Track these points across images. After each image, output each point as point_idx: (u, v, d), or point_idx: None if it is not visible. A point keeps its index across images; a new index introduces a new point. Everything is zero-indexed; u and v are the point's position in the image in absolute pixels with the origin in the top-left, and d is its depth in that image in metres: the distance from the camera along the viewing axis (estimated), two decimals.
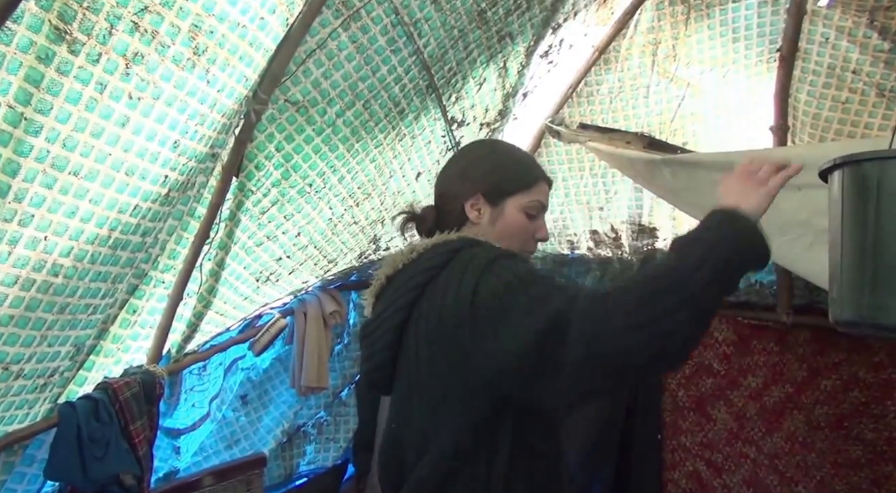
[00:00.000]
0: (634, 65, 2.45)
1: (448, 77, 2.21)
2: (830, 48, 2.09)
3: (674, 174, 2.19)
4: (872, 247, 1.05)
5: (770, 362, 2.82)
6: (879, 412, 2.65)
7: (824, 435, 2.74)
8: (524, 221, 1.27)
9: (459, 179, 1.31)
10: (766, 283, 2.75)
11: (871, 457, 2.68)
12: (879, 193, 1.06)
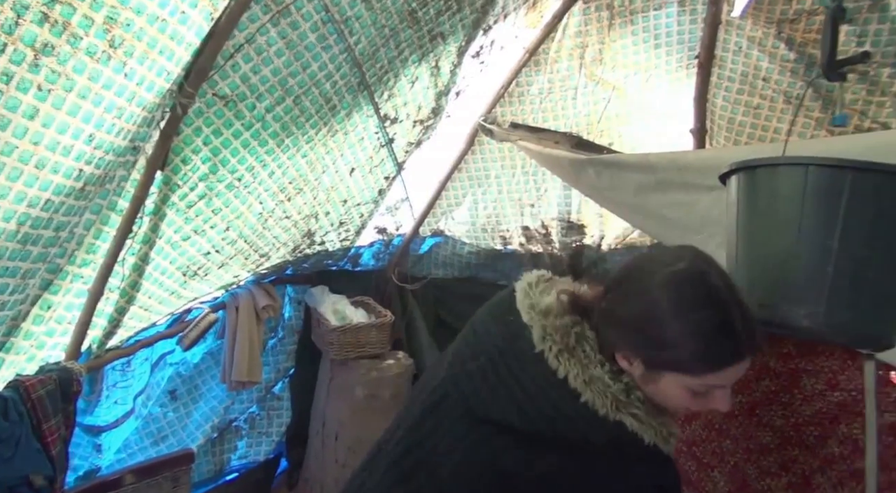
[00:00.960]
0: (563, 67, 2.52)
1: (380, 75, 2.23)
2: (743, 57, 2.21)
3: (598, 174, 2.27)
4: (762, 247, 1.13)
5: None
6: (787, 400, 2.81)
7: (738, 423, 2.89)
8: (685, 396, 1.01)
9: (618, 323, 1.03)
10: None
11: (779, 442, 2.84)
12: (770, 196, 1.14)
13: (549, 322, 1.04)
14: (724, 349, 0.96)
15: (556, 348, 1.03)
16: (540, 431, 1.00)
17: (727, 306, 0.96)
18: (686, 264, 0.99)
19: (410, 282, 3.31)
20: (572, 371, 1.01)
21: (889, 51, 1.94)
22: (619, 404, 1.00)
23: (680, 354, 0.97)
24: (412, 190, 2.98)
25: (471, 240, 3.12)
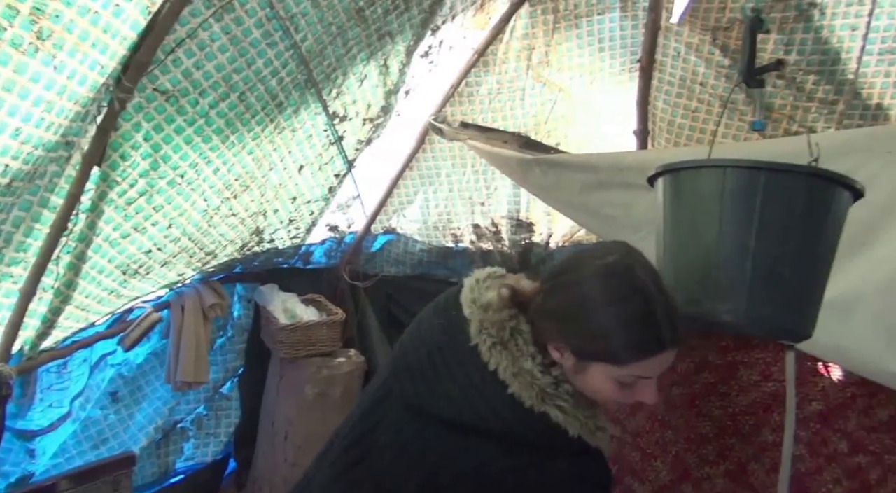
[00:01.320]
0: (511, 68, 2.56)
1: (328, 72, 2.23)
2: (682, 62, 2.28)
3: (544, 173, 2.31)
4: (687, 246, 1.17)
5: None
6: (725, 391, 2.92)
7: (679, 414, 2.99)
8: (612, 388, 1.03)
9: (550, 315, 1.06)
10: None
11: (717, 432, 2.95)
12: (693, 197, 1.18)
13: (487, 316, 1.07)
14: (648, 340, 0.99)
15: (490, 341, 1.05)
16: (471, 423, 1.03)
17: (651, 297, 0.99)
18: (615, 258, 1.03)
19: (362, 279, 3.31)
20: (502, 364, 1.04)
21: (813, 59, 2.04)
22: (545, 397, 1.03)
23: (606, 344, 1.00)
24: (364, 188, 2.98)
25: (423, 238, 3.14)
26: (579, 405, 1.05)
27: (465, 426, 1.03)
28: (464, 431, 1.03)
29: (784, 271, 1.10)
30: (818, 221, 1.10)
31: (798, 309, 1.13)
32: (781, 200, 1.07)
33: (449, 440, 1.04)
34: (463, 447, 1.02)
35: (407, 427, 1.08)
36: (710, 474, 2.98)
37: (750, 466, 2.91)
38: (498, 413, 1.02)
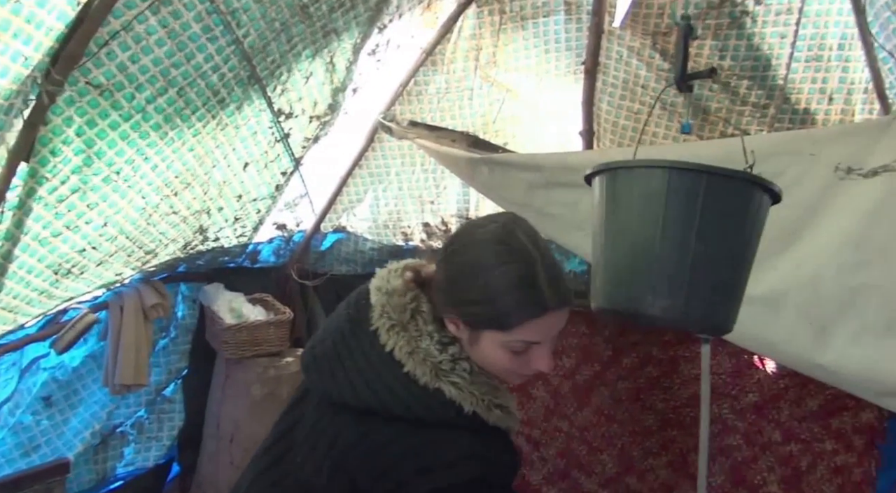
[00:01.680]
0: (459, 68, 2.58)
1: (272, 69, 2.20)
2: (624, 65, 2.33)
3: (491, 172, 2.34)
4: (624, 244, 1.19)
5: (581, 344, 3.10)
6: (668, 385, 3.01)
7: (624, 408, 3.07)
8: (505, 357, 1.05)
9: (441, 287, 1.08)
10: (579, 272, 3.01)
11: (660, 424, 3.03)
12: (628, 196, 1.21)
13: (389, 300, 1.09)
14: (530, 300, 1.00)
15: (389, 323, 1.07)
16: (372, 406, 1.04)
17: (532, 259, 1.02)
18: (496, 226, 1.06)
19: (312, 278, 3.28)
20: (399, 344, 1.06)
21: (746, 65, 2.11)
22: (440, 373, 1.05)
23: (491, 308, 1.02)
24: (312, 186, 2.96)
25: (373, 236, 3.13)
26: (476, 383, 1.07)
27: (368, 409, 1.04)
28: (368, 414, 1.04)
29: (718, 269, 1.13)
30: (746, 222, 1.14)
31: (727, 305, 1.17)
32: (718, 202, 1.10)
33: (355, 426, 1.05)
34: (366, 430, 1.04)
35: (321, 419, 1.10)
36: (654, 465, 3.07)
37: (690, 456, 3.01)
38: (394, 392, 1.03)
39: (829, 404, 2.73)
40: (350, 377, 1.06)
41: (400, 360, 1.05)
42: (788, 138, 1.87)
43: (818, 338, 1.84)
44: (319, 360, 1.12)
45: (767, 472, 2.86)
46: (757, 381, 2.87)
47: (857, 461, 2.68)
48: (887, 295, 1.71)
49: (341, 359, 1.09)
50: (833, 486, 2.71)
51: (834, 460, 2.73)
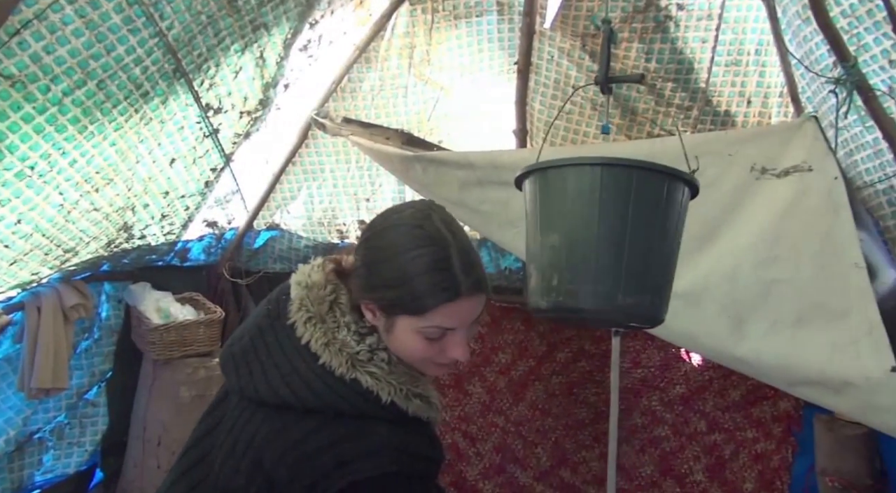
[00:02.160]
0: (393, 65, 2.57)
1: (198, 62, 2.14)
2: (555, 65, 2.38)
3: (424, 170, 2.35)
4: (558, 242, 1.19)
5: (517, 340, 3.15)
6: (600, 379, 3.09)
7: (558, 402, 3.13)
8: (420, 344, 1.03)
9: (358, 273, 1.06)
10: (514, 269, 3.06)
11: (593, 417, 3.11)
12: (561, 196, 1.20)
13: (308, 294, 1.07)
14: (443, 284, 0.99)
15: (307, 315, 1.06)
16: (289, 401, 1.02)
17: (446, 243, 1.01)
18: (412, 211, 1.06)
19: (245, 277, 3.22)
20: (315, 336, 1.04)
21: (671, 68, 2.19)
22: (356, 363, 1.03)
23: (404, 292, 1.01)
24: (244, 183, 2.90)
25: (307, 234, 3.09)
26: (395, 372, 1.06)
27: (284, 404, 1.02)
28: (285, 409, 1.02)
29: (649, 262, 1.14)
30: (673, 215, 1.17)
31: (660, 296, 1.18)
32: (647, 197, 1.12)
33: (271, 422, 1.03)
34: (282, 425, 1.01)
35: (240, 418, 1.07)
36: (587, 457, 3.15)
37: (622, 448, 3.10)
38: (310, 385, 1.01)
39: (750, 394, 2.86)
40: (266, 373, 1.04)
41: (316, 352, 1.03)
42: (708, 139, 1.95)
43: (736, 331, 1.92)
44: (237, 357, 1.10)
45: (693, 461, 2.98)
46: (684, 373, 2.98)
47: (775, 449, 2.82)
48: (798, 289, 1.80)
49: (258, 355, 1.07)
50: (753, 472, 2.85)
51: (755, 447, 2.86)
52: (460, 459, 3.17)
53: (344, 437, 1.00)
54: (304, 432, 1.00)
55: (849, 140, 1.92)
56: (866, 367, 1.68)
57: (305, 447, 0.99)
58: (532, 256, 1.23)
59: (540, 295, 1.17)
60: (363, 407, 1.02)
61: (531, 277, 1.22)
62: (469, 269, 1.02)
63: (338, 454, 0.98)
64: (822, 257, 1.75)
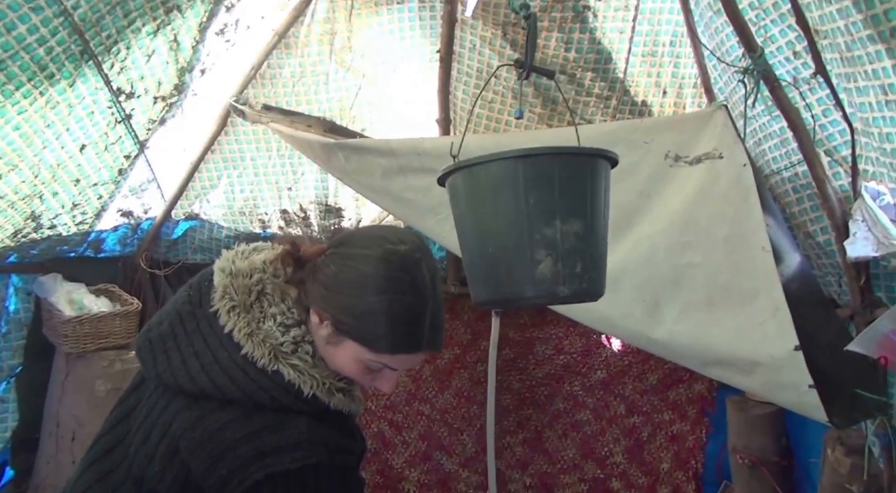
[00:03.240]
0: (314, 52, 2.52)
1: (108, 44, 2.05)
2: (477, 54, 2.39)
3: (346, 158, 2.32)
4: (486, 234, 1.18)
5: None
6: (524, 366, 3.15)
7: (483, 389, 3.17)
8: (357, 369, 1.06)
9: (324, 282, 1.04)
10: (437, 258, 3.06)
11: (517, 403, 3.17)
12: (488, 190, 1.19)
13: (234, 282, 1.06)
14: (409, 338, 1.02)
15: (230, 304, 1.04)
16: (209, 391, 1.00)
17: (426, 298, 1.03)
18: (405, 249, 1.05)
19: (163, 268, 3.11)
20: (238, 325, 1.03)
21: (590, 58, 2.24)
22: (279, 355, 1.02)
23: (367, 328, 1.01)
24: (160, 171, 2.79)
25: (228, 223, 3.01)
26: (318, 366, 1.06)
27: (203, 393, 1.01)
28: (203, 399, 1.01)
29: (583, 240, 1.14)
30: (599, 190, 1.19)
31: (597, 271, 1.19)
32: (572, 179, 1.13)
33: (189, 411, 1.01)
34: (200, 415, 1.00)
35: (156, 406, 1.05)
36: (511, 442, 3.20)
37: (545, 433, 3.17)
38: (231, 376, 1.00)
39: (666, 377, 2.98)
40: (186, 361, 1.02)
41: (239, 342, 1.02)
42: (625, 127, 2.00)
43: (651, 314, 1.99)
44: (154, 343, 1.07)
45: (614, 443, 3.08)
46: (605, 359, 3.07)
47: (690, 429, 2.95)
48: (709, 273, 1.88)
49: (178, 342, 1.05)
50: (670, 453, 2.97)
51: (671, 429, 2.98)
52: (386, 447, 3.17)
53: (263, 429, 0.99)
54: (223, 422, 0.99)
55: (757, 130, 2.01)
56: (772, 347, 1.77)
57: (224, 437, 0.98)
58: (467, 253, 1.22)
59: (482, 290, 1.18)
60: (284, 400, 1.01)
61: (470, 272, 1.21)
62: (437, 328, 1.05)
63: (256, 445, 0.97)
64: (731, 242, 1.83)
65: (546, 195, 1.14)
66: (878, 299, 1.78)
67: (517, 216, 1.15)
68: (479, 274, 1.19)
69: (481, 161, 1.15)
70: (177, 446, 0.99)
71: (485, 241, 1.18)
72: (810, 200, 1.92)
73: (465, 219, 1.21)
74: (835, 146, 1.76)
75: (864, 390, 1.76)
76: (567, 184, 1.14)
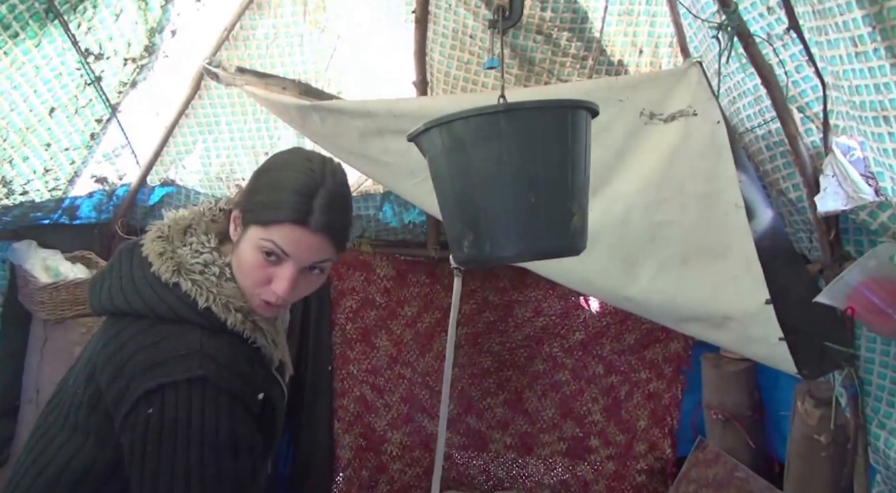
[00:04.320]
0: (287, 13, 2.47)
1: (73, 2, 2.00)
2: (453, 14, 2.36)
3: (322, 120, 2.29)
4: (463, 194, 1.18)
5: (423, 293, 3.19)
6: (504, 328, 3.18)
7: (464, 352, 3.21)
8: (257, 259, 1.09)
9: (241, 190, 1.23)
10: (417, 222, 3.07)
11: (497, 366, 3.21)
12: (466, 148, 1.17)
13: (168, 222, 1.18)
14: (297, 205, 1.06)
15: (156, 235, 1.15)
16: (122, 309, 1.08)
17: (319, 180, 1.10)
18: (311, 153, 1.18)
19: (139, 235, 3.07)
20: (155, 249, 1.11)
21: (566, 17, 2.22)
22: (182, 270, 1.09)
23: (265, 198, 1.09)
24: (134, 136, 2.74)
25: (205, 189, 2.98)
26: (221, 286, 1.11)
27: (120, 311, 1.08)
28: (121, 317, 1.09)
29: (564, 194, 1.15)
30: (580, 144, 1.18)
31: (580, 224, 1.18)
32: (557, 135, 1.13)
33: (109, 329, 1.09)
34: (115, 332, 1.07)
35: (94, 336, 1.14)
36: (491, 404, 3.25)
37: (525, 393, 3.22)
38: (139, 291, 1.08)
39: (644, 338, 3.03)
40: (111, 286, 1.11)
41: (151, 262, 1.10)
42: (600, 85, 1.99)
43: (627, 272, 2.02)
44: (96, 279, 1.16)
45: (592, 403, 3.14)
46: (583, 320, 3.11)
47: (666, 387, 3.01)
48: (683, 230, 1.90)
49: (111, 273, 1.14)
50: (646, 411, 3.03)
51: (648, 387, 3.04)
52: (368, 411, 3.21)
53: (161, 340, 1.04)
54: (128, 336, 1.05)
55: (732, 88, 2.01)
56: (744, 301, 1.81)
57: (125, 350, 1.03)
58: (446, 214, 1.21)
59: (462, 251, 1.17)
60: (181, 311, 1.06)
61: (449, 233, 1.21)
62: (328, 211, 1.08)
63: (152, 355, 1.02)
64: (705, 199, 1.85)
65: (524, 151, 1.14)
66: (847, 253, 1.82)
67: (496, 175, 1.14)
68: (458, 236, 1.17)
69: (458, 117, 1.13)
70: (94, 366, 1.05)
71: (461, 203, 1.16)
72: (783, 157, 1.94)
73: (440, 179, 1.20)
74: (807, 102, 1.77)
75: (833, 343, 1.81)
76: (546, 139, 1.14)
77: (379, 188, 2.95)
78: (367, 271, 3.13)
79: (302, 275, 1.11)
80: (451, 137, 1.16)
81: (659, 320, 2.25)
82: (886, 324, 1.52)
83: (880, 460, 1.71)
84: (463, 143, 1.15)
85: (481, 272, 3.11)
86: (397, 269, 3.14)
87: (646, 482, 2.99)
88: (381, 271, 3.14)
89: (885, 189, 1.50)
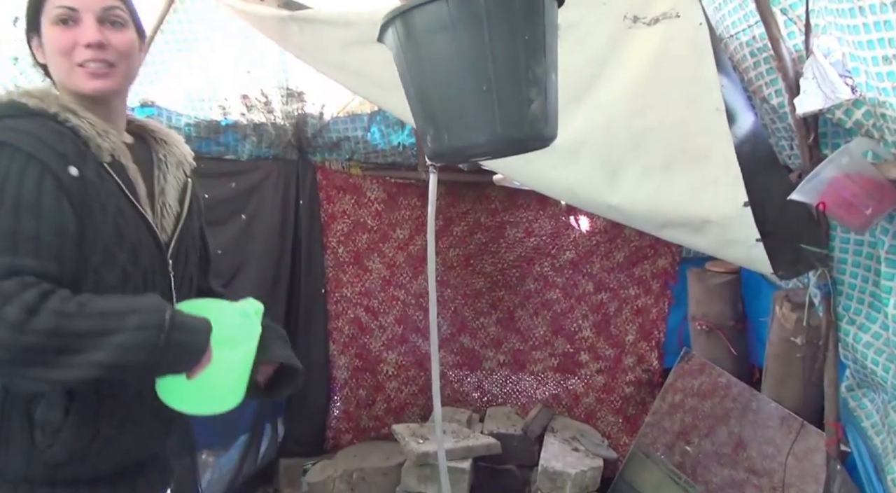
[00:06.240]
0: None
1: None
2: None
3: (301, 31, 2.23)
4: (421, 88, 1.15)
5: (414, 216, 3.19)
6: (495, 249, 3.20)
7: (456, 273, 3.24)
8: (56, 33, 1.18)
9: None
10: (408, 145, 3.03)
11: (489, 286, 3.25)
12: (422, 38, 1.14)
13: None
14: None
15: None
16: None
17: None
18: None
19: None
20: None
21: None
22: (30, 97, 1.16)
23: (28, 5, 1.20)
24: None
25: (187, 110, 2.93)
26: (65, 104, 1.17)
27: None
28: None
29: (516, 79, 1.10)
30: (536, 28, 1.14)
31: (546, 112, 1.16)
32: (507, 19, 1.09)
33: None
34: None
35: None
36: (484, 323, 3.30)
37: (517, 312, 3.27)
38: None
39: (632, 255, 3.04)
40: None
41: None
42: None
43: (610, 180, 2.00)
44: None
45: (582, 320, 3.18)
46: (573, 240, 3.13)
47: (653, 302, 3.05)
48: (665, 135, 1.87)
49: None
50: (634, 325, 3.08)
51: (636, 303, 3.08)
52: (364, 332, 3.26)
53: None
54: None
55: None
56: (723, 204, 1.79)
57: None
58: (414, 108, 1.18)
59: (431, 144, 1.15)
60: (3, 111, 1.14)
61: (418, 126, 1.19)
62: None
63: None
64: (687, 103, 1.81)
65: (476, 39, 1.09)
66: (825, 157, 1.80)
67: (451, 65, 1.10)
68: (426, 130, 1.15)
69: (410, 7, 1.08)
70: None
71: (424, 94, 1.13)
72: (766, 63, 1.90)
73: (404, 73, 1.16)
74: (790, 4, 1.72)
75: (808, 245, 1.81)
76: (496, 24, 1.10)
77: (366, 109, 2.91)
78: (357, 194, 3.13)
79: (105, 29, 1.19)
80: (405, 30, 1.12)
81: (642, 227, 2.24)
82: (856, 217, 1.52)
83: (849, 355, 1.74)
84: (415, 34, 1.12)
85: (472, 194, 3.10)
86: (388, 192, 3.13)
87: (634, 393, 3.07)
88: (372, 194, 3.13)
89: (860, 85, 1.47)
